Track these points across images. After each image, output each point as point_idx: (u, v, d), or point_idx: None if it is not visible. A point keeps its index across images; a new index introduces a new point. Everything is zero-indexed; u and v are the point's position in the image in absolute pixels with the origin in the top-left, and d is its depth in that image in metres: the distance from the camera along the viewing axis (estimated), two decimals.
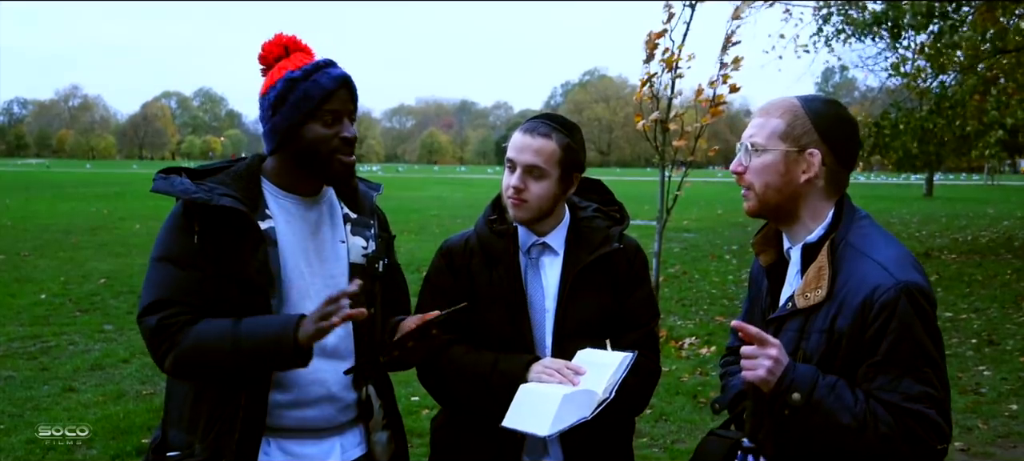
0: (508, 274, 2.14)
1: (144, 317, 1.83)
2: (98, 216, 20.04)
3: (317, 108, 1.87)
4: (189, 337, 1.79)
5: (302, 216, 1.96)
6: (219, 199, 1.83)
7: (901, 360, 1.59)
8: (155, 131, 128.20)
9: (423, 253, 13.35)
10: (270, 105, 1.91)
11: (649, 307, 2.23)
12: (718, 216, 23.56)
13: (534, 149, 2.09)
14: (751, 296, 2.03)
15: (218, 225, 1.84)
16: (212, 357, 1.79)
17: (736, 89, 6.24)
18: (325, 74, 1.90)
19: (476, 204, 26.47)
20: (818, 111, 1.75)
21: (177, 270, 1.83)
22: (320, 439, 1.96)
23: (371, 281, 2.02)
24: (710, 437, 1.96)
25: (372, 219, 2.10)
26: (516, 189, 2.09)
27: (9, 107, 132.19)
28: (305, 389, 1.91)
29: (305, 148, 1.89)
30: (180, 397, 1.91)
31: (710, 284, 10.94)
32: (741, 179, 1.79)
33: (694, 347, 7.19)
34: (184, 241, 1.84)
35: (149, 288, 1.84)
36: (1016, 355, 7.05)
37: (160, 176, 1.90)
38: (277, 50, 1.95)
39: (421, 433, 4.68)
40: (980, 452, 4.80)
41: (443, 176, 64.17)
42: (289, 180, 1.96)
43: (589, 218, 2.22)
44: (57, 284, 9.97)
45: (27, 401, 5.43)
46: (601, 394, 1.95)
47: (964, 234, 18.94)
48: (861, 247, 1.68)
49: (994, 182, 54.79)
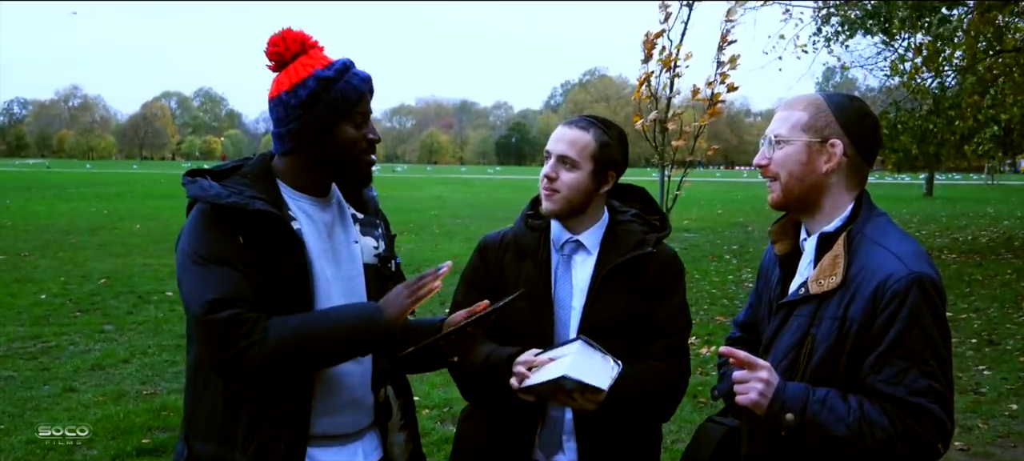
0: (536, 268, 2.15)
1: (212, 314, 1.69)
2: (98, 216, 20.04)
3: (352, 109, 1.86)
4: (273, 332, 1.72)
5: (318, 217, 1.93)
6: (254, 203, 1.78)
7: (908, 350, 1.61)
8: (155, 131, 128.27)
9: (423, 253, 13.37)
10: (300, 104, 1.84)
11: (680, 316, 2.21)
12: (718, 216, 23.56)
13: (569, 140, 2.12)
14: (758, 288, 2.05)
15: (253, 228, 1.79)
16: (304, 348, 1.74)
17: (734, 88, 6.25)
18: (355, 75, 1.88)
19: (476, 204, 26.53)
20: (840, 104, 1.78)
21: (230, 270, 1.74)
22: (344, 444, 1.93)
23: (384, 281, 2.01)
24: (707, 424, 1.99)
25: (378, 219, 2.09)
26: (548, 177, 2.12)
27: (9, 107, 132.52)
28: (336, 394, 1.88)
29: (337, 149, 1.87)
30: (209, 405, 1.82)
31: (710, 284, 10.95)
32: (766, 171, 1.82)
33: (694, 347, 7.19)
34: (228, 242, 1.77)
35: (206, 287, 1.72)
36: (1016, 355, 7.05)
37: (189, 181, 1.83)
38: (294, 46, 1.89)
39: (423, 433, 4.67)
40: (980, 452, 4.80)
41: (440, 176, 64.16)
42: (305, 181, 1.92)
43: (626, 222, 2.22)
44: (57, 284, 9.97)
45: (27, 401, 5.43)
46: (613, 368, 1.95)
47: (964, 234, 18.94)
48: (877, 238, 1.71)
49: (994, 182, 54.77)
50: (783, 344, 1.77)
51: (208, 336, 1.73)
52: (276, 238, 1.80)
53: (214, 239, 1.77)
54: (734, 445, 1.88)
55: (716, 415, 2.01)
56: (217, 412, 1.80)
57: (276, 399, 1.78)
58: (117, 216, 20.09)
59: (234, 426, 1.78)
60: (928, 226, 21.35)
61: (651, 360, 2.13)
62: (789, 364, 1.74)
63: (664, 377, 2.13)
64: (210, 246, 1.77)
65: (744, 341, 2.12)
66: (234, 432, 1.78)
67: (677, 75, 6.40)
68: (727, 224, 20.94)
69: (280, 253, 1.80)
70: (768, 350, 1.81)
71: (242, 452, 1.77)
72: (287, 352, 1.73)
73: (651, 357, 2.13)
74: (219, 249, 1.76)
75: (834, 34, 14.77)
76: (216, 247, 1.77)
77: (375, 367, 1.97)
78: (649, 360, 2.12)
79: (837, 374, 1.67)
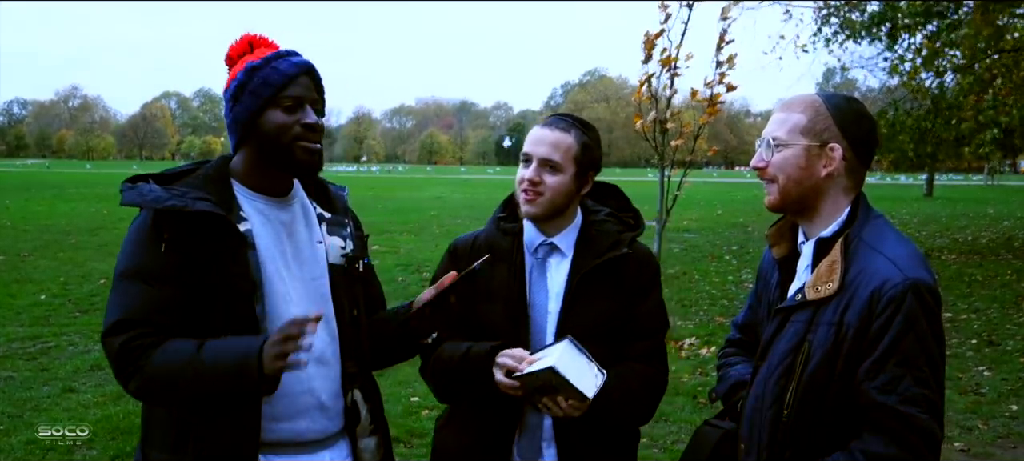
0: (510, 273, 2.11)
1: (108, 338, 1.73)
2: (98, 216, 20.04)
3: (276, 94, 1.81)
4: (152, 363, 1.70)
5: (276, 217, 1.89)
6: (195, 204, 1.74)
7: (903, 355, 1.60)
8: (155, 131, 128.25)
9: (423, 253, 13.36)
10: (231, 96, 1.85)
11: (658, 317, 2.18)
12: (718, 216, 23.55)
13: (551, 142, 2.07)
14: (757, 290, 2.04)
15: (193, 232, 1.75)
16: (175, 385, 1.71)
17: (733, 88, 6.26)
18: (285, 61, 1.85)
19: (476, 205, 26.51)
20: (839, 107, 1.77)
21: (144, 286, 1.74)
22: (310, 453, 1.88)
23: (352, 282, 1.98)
24: (705, 426, 1.99)
25: (347, 218, 2.04)
26: (531, 181, 2.06)
27: (9, 108, 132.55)
28: (296, 399, 1.83)
29: (266, 136, 1.82)
30: (161, 415, 1.81)
31: (710, 284, 10.93)
32: (763, 174, 1.81)
33: (694, 347, 7.19)
34: (152, 253, 1.75)
35: (113, 307, 1.75)
36: (1016, 356, 7.05)
37: (127, 187, 1.81)
38: (242, 47, 1.90)
39: (422, 433, 4.68)
40: (980, 452, 4.80)
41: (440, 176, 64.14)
42: (258, 179, 1.88)
43: (601, 222, 2.18)
44: (57, 284, 9.97)
45: (27, 401, 5.43)
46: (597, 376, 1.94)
47: (964, 234, 18.94)
48: (873, 243, 1.70)
49: (994, 182, 54.78)
50: (779, 350, 1.76)
51: (107, 357, 1.77)
52: (221, 240, 1.76)
53: (136, 251, 1.77)
54: (731, 448, 1.88)
55: (714, 418, 2.00)
56: (169, 420, 1.79)
57: (225, 407, 1.75)
58: (117, 216, 20.06)
59: (184, 435, 1.76)
60: (928, 226, 21.35)
61: (633, 363, 2.10)
62: (785, 370, 1.73)
63: (648, 380, 2.11)
64: (130, 259, 1.78)
65: (742, 342, 2.13)
66: (184, 441, 1.76)
67: (677, 75, 6.42)
68: (727, 224, 20.93)
69: (226, 255, 1.76)
70: (764, 355, 1.81)
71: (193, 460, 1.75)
72: (157, 386, 1.73)
73: (633, 358, 2.10)
74: (137, 262, 1.76)
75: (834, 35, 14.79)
76: (135, 260, 1.77)
77: (343, 370, 1.93)
78: (632, 363, 2.10)
79: (833, 379, 1.67)
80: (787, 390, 1.71)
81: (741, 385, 1.94)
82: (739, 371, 2.00)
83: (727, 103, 6.46)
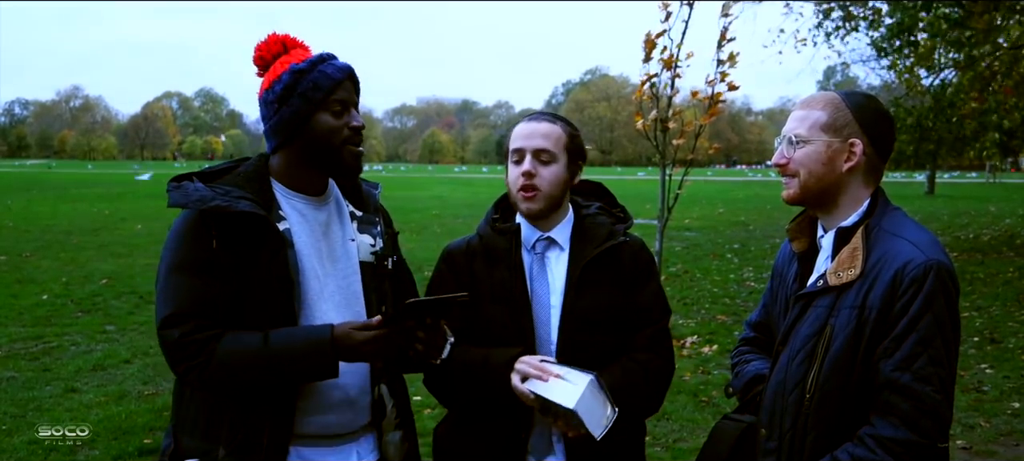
0: (510, 271, 2.12)
1: (164, 330, 1.78)
2: (100, 217, 20.06)
3: (326, 98, 1.86)
4: (219, 354, 1.75)
5: (313, 216, 1.94)
6: (238, 204, 1.79)
7: (921, 332, 1.63)
8: (156, 131, 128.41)
9: (424, 253, 13.35)
10: (276, 98, 1.88)
11: (659, 304, 2.20)
12: (719, 215, 23.54)
13: (542, 133, 2.09)
14: (772, 287, 2.06)
15: (236, 230, 1.80)
16: (246, 374, 1.77)
17: (734, 88, 6.25)
18: (330, 65, 1.90)
19: (477, 204, 26.49)
20: (858, 103, 1.81)
21: (195, 280, 1.78)
22: (338, 445, 1.93)
23: (381, 279, 2.01)
24: (724, 420, 2.01)
25: (377, 216, 2.08)
26: (527, 174, 2.06)
27: (10, 108, 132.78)
28: (326, 393, 1.89)
29: (315, 139, 1.88)
30: (196, 401, 1.86)
31: (712, 283, 10.93)
32: (784, 170, 1.84)
33: (696, 346, 7.19)
34: (201, 249, 1.79)
35: (166, 300, 1.79)
36: (1018, 353, 7.05)
37: (173, 187, 1.85)
38: (276, 48, 1.93)
39: (422, 433, 4.67)
40: (982, 450, 4.80)
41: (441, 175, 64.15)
42: (297, 179, 1.93)
43: (593, 215, 2.21)
44: (59, 285, 9.97)
45: (29, 402, 5.44)
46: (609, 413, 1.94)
47: (966, 232, 18.93)
48: (894, 230, 1.75)
49: (995, 180, 54.69)
50: (801, 335, 1.78)
51: (162, 350, 1.81)
52: (262, 239, 1.81)
53: (185, 246, 1.81)
54: (751, 442, 1.90)
55: (733, 412, 2.02)
56: (202, 409, 1.85)
57: (260, 398, 1.81)
58: (119, 217, 20.11)
59: (218, 423, 1.82)
60: (930, 224, 21.31)
61: (639, 353, 2.11)
62: (807, 354, 1.75)
63: (655, 370, 2.12)
64: (181, 255, 1.81)
65: (757, 340, 2.14)
66: (218, 427, 1.82)
67: (677, 75, 6.40)
68: (728, 223, 20.92)
69: (266, 254, 1.81)
70: (785, 341, 1.83)
71: (225, 447, 1.80)
72: (226, 376, 1.77)
73: (639, 348, 2.12)
74: (187, 256, 1.80)
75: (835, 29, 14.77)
76: (184, 254, 1.81)
77: (371, 365, 1.96)
78: (637, 353, 2.11)
79: (855, 363, 1.69)
80: (809, 374, 1.74)
81: (759, 379, 1.96)
82: (756, 366, 2.02)
83: (728, 102, 6.44)
